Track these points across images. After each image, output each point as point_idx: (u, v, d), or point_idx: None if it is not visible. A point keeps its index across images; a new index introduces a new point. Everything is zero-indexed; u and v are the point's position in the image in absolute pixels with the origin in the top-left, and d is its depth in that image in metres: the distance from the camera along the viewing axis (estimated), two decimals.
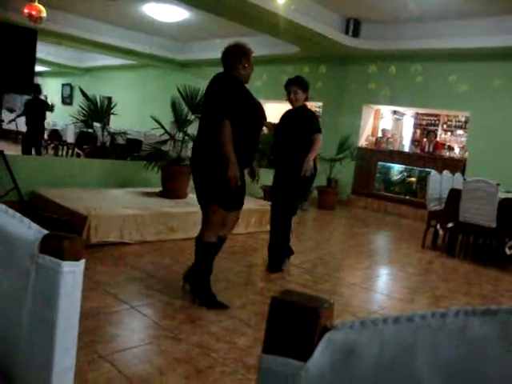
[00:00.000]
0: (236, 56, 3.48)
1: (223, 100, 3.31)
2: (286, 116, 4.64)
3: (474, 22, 8.09)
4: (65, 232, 0.67)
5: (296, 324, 0.39)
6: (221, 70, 3.57)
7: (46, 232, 0.66)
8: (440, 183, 6.78)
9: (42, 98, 10.26)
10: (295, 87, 4.37)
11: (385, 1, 7.97)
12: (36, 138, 10.02)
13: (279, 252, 4.61)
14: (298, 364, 0.39)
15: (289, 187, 4.44)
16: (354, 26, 9.24)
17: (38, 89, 9.76)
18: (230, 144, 3.25)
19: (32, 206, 5.72)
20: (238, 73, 3.48)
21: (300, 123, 4.42)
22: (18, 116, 10.66)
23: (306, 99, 4.50)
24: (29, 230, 0.67)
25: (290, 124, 4.48)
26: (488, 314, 0.33)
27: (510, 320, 0.32)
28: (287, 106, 4.69)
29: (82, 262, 0.63)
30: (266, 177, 6.81)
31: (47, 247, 0.63)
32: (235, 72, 3.48)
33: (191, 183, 6.34)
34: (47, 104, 10.20)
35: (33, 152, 9.81)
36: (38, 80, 21.25)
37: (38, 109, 9.78)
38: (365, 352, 0.35)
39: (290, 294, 0.43)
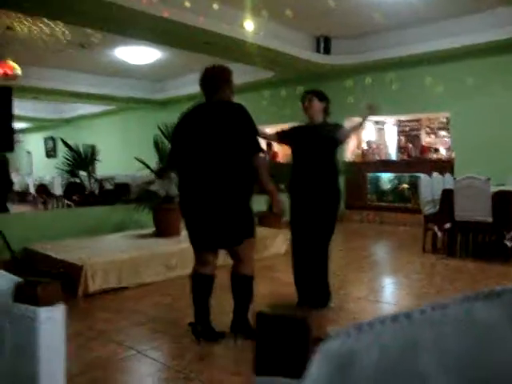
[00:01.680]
0: (230, 80, 3.34)
1: (256, 133, 3.25)
2: (306, 132, 4.06)
3: (438, 25, 8.25)
4: (61, 284, 0.64)
5: (286, 338, 0.36)
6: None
7: (18, 279, 0.62)
8: (431, 186, 6.79)
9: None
10: (310, 95, 4.06)
11: (350, 16, 8.11)
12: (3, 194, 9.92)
13: (323, 285, 4.03)
14: (294, 382, 0.36)
15: (325, 212, 3.92)
16: (324, 44, 9.37)
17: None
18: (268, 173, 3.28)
19: (25, 263, 5.64)
20: (232, 98, 3.35)
21: (326, 140, 3.95)
22: None
23: (326, 113, 4.09)
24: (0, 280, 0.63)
25: (314, 142, 3.94)
26: (492, 297, 0.30)
27: None
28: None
29: (61, 306, 0.59)
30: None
31: (21, 295, 0.59)
32: (232, 97, 3.33)
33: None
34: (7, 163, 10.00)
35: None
36: (20, 137, 21.36)
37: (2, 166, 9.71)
38: (364, 359, 0.31)
39: (276, 307, 0.40)
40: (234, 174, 3.17)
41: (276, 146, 12.38)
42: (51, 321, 0.58)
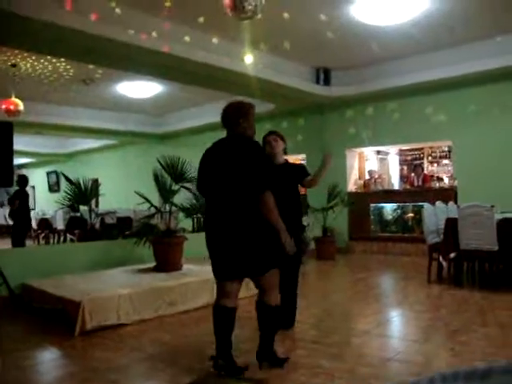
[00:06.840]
0: (247, 115, 3.40)
1: (264, 171, 3.24)
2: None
3: (436, 54, 8.32)
4: (58, 321, 0.56)
5: None
6: (198, 137, 3.46)
7: None
8: (435, 215, 6.70)
9: (27, 189, 10.18)
10: (273, 135, 4.44)
11: (349, 47, 8.17)
12: (24, 228, 9.79)
13: (292, 307, 4.50)
14: None
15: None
16: (324, 75, 9.43)
17: (23, 180, 9.71)
18: (277, 212, 3.21)
19: (22, 299, 5.54)
20: (251, 133, 3.42)
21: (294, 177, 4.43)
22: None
23: (285, 152, 4.50)
24: None
25: (283, 179, 4.27)
26: (475, 378, 0.23)
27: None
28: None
29: None
30: None
31: None
32: (249, 132, 3.40)
33: (184, 253, 6.24)
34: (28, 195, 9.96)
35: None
36: (23, 171, 21.48)
37: (24, 200, 9.64)
38: None
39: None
40: (248, 207, 3.22)
41: None
42: None
